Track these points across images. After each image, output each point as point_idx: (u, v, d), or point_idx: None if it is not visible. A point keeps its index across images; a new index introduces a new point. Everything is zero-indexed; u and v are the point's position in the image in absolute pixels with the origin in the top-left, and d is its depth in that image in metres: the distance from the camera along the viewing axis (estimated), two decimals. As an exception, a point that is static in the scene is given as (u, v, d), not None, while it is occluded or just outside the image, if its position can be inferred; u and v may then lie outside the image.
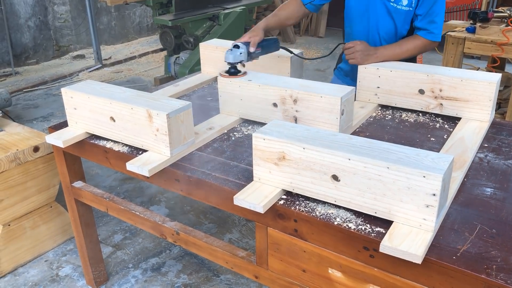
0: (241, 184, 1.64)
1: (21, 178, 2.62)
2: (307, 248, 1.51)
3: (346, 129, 1.97)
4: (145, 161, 1.80)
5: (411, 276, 1.32)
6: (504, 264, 1.22)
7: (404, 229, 1.36)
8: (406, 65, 2.23)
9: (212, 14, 5.24)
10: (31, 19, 6.77)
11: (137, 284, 2.62)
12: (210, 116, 2.21)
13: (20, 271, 2.73)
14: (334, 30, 9.22)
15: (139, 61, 7.19)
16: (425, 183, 1.30)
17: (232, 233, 3.05)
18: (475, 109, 2.07)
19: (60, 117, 4.94)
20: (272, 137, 1.53)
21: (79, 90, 2.02)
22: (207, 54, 2.73)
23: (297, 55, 2.45)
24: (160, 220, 2.00)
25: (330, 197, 1.48)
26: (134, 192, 3.53)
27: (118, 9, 7.95)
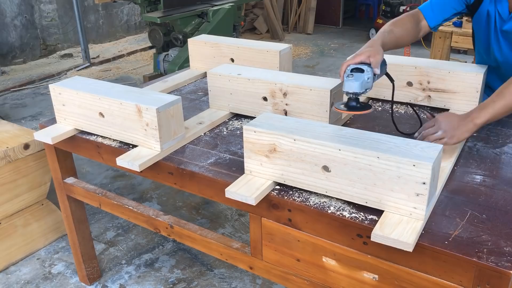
0: (234, 176, 1.65)
1: (11, 176, 2.61)
2: (301, 238, 1.53)
3: (336, 122, 1.98)
4: (135, 156, 1.81)
5: (404, 262, 1.34)
6: (495, 248, 1.25)
7: (395, 218, 1.38)
8: (394, 58, 2.25)
9: (201, 11, 5.24)
10: (17, 18, 6.71)
11: (130, 280, 2.62)
12: (200, 111, 2.22)
13: (12, 270, 2.72)
14: (322, 27, 9.27)
15: (128, 59, 7.16)
16: (415, 172, 1.32)
17: (225, 227, 3.06)
18: (463, 101, 2.10)
19: (49, 116, 4.91)
20: (263, 129, 1.54)
21: (67, 86, 2.02)
22: (196, 49, 2.73)
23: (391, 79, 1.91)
24: (153, 214, 2.01)
25: (321, 188, 1.50)
26: (126, 189, 3.53)
27: (105, 7, 7.91)
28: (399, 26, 1.99)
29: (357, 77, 1.57)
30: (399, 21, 2.03)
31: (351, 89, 1.57)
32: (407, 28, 2.01)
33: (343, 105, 1.61)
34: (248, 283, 2.58)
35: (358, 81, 1.56)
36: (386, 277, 1.40)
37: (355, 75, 1.59)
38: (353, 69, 1.61)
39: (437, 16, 2.06)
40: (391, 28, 1.96)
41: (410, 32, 2.02)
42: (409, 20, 2.04)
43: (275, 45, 2.52)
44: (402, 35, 1.99)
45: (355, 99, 1.59)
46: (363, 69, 1.60)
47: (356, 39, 8.36)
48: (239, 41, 2.64)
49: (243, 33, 8.28)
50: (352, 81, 1.57)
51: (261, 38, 8.27)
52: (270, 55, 2.46)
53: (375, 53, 1.68)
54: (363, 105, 1.61)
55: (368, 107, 1.59)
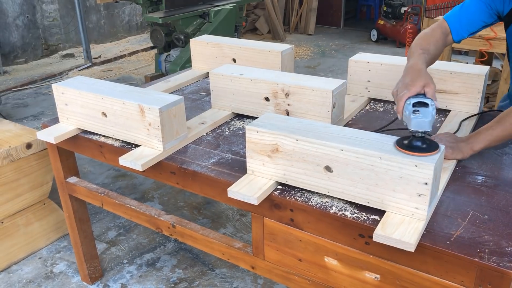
0: (236, 176, 1.66)
1: (13, 175, 2.62)
2: (303, 237, 1.53)
3: (337, 122, 1.99)
4: (137, 155, 1.81)
5: (406, 262, 1.35)
6: (496, 248, 1.25)
7: (397, 218, 1.38)
8: (396, 59, 2.26)
9: (203, 12, 5.25)
10: (19, 18, 6.73)
11: (132, 280, 2.63)
12: (202, 111, 2.22)
13: (14, 269, 2.73)
14: (323, 28, 9.28)
15: (129, 59, 7.17)
16: (417, 172, 1.32)
17: (226, 228, 3.07)
18: (464, 102, 2.10)
19: (51, 115, 4.92)
20: (265, 129, 1.55)
21: (70, 86, 2.03)
22: (198, 50, 2.74)
23: None
24: (155, 213, 2.01)
25: (323, 188, 1.50)
26: (127, 189, 3.53)
27: (107, 7, 7.92)
28: (433, 43, 1.83)
29: (425, 113, 1.38)
30: (431, 37, 1.85)
31: (421, 128, 1.36)
32: (439, 44, 1.86)
33: (407, 144, 1.36)
34: (249, 283, 2.59)
35: (428, 118, 1.36)
36: (388, 277, 1.40)
37: (422, 110, 1.39)
38: (415, 103, 1.43)
39: (464, 29, 1.90)
40: (427, 48, 1.79)
41: (441, 50, 1.88)
42: (440, 35, 1.87)
43: (277, 46, 2.53)
44: (436, 54, 1.83)
45: (422, 138, 1.36)
46: (427, 103, 1.42)
47: (357, 40, 8.37)
48: (241, 42, 2.65)
49: (244, 33, 8.30)
50: (420, 118, 1.37)
51: (262, 38, 8.28)
52: (272, 55, 2.46)
53: (429, 82, 1.53)
54: (429, 143, 1.36)
55: (435, 147, 1.35)
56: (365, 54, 2.37)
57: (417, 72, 1.58)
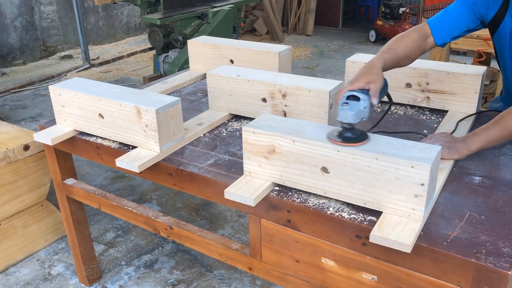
0: (233, 177, 1.66)
1: (11, 177, 2.61)
2: (300, 238, 1.53)
3: (335, 123, 1.98)
4: (134, 157, 1.81)
5: (403, 263, 1.35)
6: (493, 249, 1.25)
7: (393, 219, 1.38)
8: (394, 59, 2.26)
9: (201, 13, 5.25)
10: (17, 19, 6.72)
11: (130, 281, 2.62)
12: (199, 112, 2.22)
13: (11, 271, 2.72)
14: (321, 29, 9.28)
15: (128, 60, 7.17)
16: (414, 173, 1.32)
17: (224, 229, 3.06)
18: (462, 102, 2.10)
19: (49, 117, 4.91)
20: (262, 130, 1.55)
21: (67, 88, 2.03)
22: (196, 51, 2.74)
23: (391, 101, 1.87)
24: (153, 215, 2.01)
25: (320, 189, 1.50)
26: (125, 191, 3.53)
27: (105, 8, 7.92)
28: (402, 45, 1.83)
29: (352, 106, 1.45)
30: (404, 38, 1.86)
31: (345, 119, 1.44)
32: (412, 46, 1.84)
33: (338, 135, 1.45)
34: (247, 284, 2.58)
35: (353, 110, 1.44)
36: (385, 278, 1.40)
37: (351, 103, 1.46)
38: (349, 96, 1.49)
39: (445, 33, 1.89)
40: (394, 47, 1.81)
41: (415, 51, 1.86)
42: (415, 37, 1.87)
43: (275, 47, 2.52)
44: (405, 55, 1.83)
45: (351, 129, 1.44)
46: (360, 97, 1.47)
47: (355, 41, 8.37)
48: (238, 43, 2.65)
49: (243, 34, 8.30)
50: (346, 110, 1.44)
51: (261, 39, 8.28)
52: (269, 56, 2.46)
53: (375, 80, 1.56)
54: (359, 135, 1.45)
55: (364, 138, 1.44)
56: (362, 54, 2.36)
57: (368, 69, 1.63)
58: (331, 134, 1.47)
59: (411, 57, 1.86)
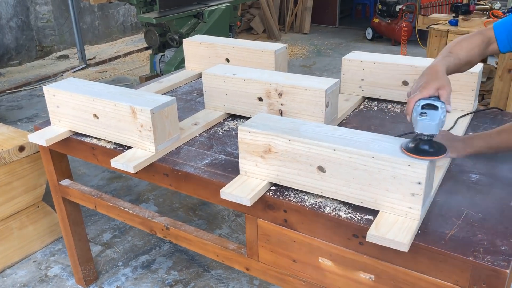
0: (230, 177, 1.65)
1: (6, 178, 2.60)
2: (297, 238, 1.52)
3: (331, 122, 1.98)
4: (130, 157, 1.80)
5: (400, 262, 1.34)
6: (491, 247, 1.25)
7: (390, 218, 1.37)
8: (390, 57, 2.25)
9: (197, 11, 5.23)
10: (13, 20, 6.70)
11: (127, 282, 2.61)
12: (195, 111, 2.21)
13: (8, 272, 2.71)
14: (318, 27, 9.27)
15: (124, 60, 7.15)
16: (410, 172, 1.31)
17: (222, 228, 3.05)
18: (458, 99, 2.09)
19: (45, 117, 4.89)
20: (258, 130, 1.54)
21: (62, 88, 2.01)
22: (191, 50, 2.72)
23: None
24: (149, 215, 2.00)
25: (316, 188, 1.49)
26: (122, 191, 3.52)
27: (101, 8, 7.89)
28: (465, 49, 1.68)
29: (432, 116, 1.33)
30: (466, 42, 1.70)
31: (426, 131, 1.33)
32: (474, 52, 1.69)
33: (413, 147, 1.34)
34: (245, 284, 2.57)
35: (435, 121, 1.32)
36: (382, 277, 1.39)
37: (429, 113, 1.34)
38: (424, 105, 1.37)
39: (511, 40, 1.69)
40: (456, 51, 1.66)
41: (476, 57, 1.70)
42: (478, 42, 1.70)
43: (270, 45, 2.51)
44: (466, 60, 1.68)
45: (429, 141, 1.34)
46: (437, 105, 1.35)
47: (352, 39, 8.37)
48: (234, 41, 2.63)
49: (239, 33, 8.28)
50: (427, 121, 1.33)
51: (257, 38, 8.26)
52: (265, 55, 2.45)
53: (444, 85, 1.45)
54: (437, 147, 1.35)
55: (443, 151, 1.34)
56: (358, 52, 2.35)
57: (434, 74, 1.50)
58: (405, 146, 1.36)
59: (472, 62, 1.72)
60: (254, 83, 2.02)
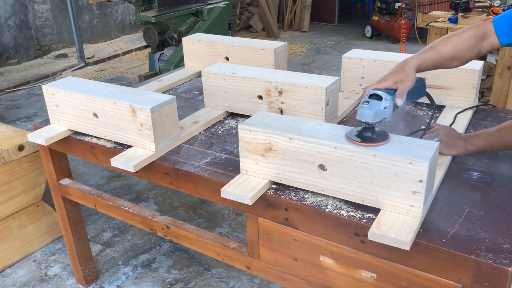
0: (230, 175, 1.64)
1: (6, 178, 2.59)
2: (298, 237, 1.52)
3: (331, 120, 1.97)
4: (129, 156, 1.79)
5: (402, 260, 1.33)
6: (493, 245, 1.24)
7: (392, 216, 1.37)
8: (390, 55, 2.24)
9: (196, 10, 5.22)
10: (11, 19, 6.68)
11: (127, 281, 2.61)
12: (195, 110, 2.20)
13: (8, 272, 2.70)
14: (317, 25, 9.26)
15: (123, 59, 7.13)
16: (412, 170, 1.31)
17: (222, 227, 3.05)
18: (459, 97, 2.09)
19: (44, 116, 4.88)
20: (258, 128, 1.53)
21: (61, 87, 2.00)
22: (191, 48, 2.72)
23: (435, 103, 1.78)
24: (149, 214, 1.99)
25: (317, 186, 1.49)
26: (122, 190, 3.51)
27: (100, 7, 7.88)
28: (450, 44, 1.61)
29: (372, 106, 1.39)
30: (454, 37, 1.64)
31: (363, 118, 1.39)
32: (461, 47, 1.61)
33: (357, 134, 1.41)
34: (246, 282, 2.57)
35: (372, 110, 1.38)
36: (384, 275, 1.39)
37: (372, 102, 1.40)
38: (372, 95, 1.42)
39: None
40: (439, 47, 1.61)
41: (464, 52, 1.62)
42: (467, 37, 1.62)
43: (270, 43, 2.51)
44: (450, 56, 1.61)
45: (371, 128, 1.39)
46: (382, 97, 1.41)
47: (351, 36, 8.36)
48: (233, 40, 2.63)
49: (238, 31, 8.27)
50: (366, 109, 1.38)
51: (256, 36, 8.25)
52: (265, 53, 2.44)
53: (404, 79, 1.46)
54: (379, 135, 1.39)
55: (384, 138, 1.39)
56: (358, 50, 2.35)
57: (400, 68, 1.52)
58: (350, 133, 1.42)
59: (461, 58, 1.63)
60: (254, 81, 2.01)
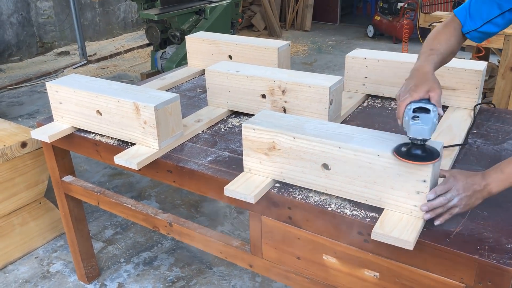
0: (233, 174, 1.64)
1: (9, 175, 2.59)
2: (302, 235, 1.52)
3: (335, 119, 1.98)
4: (133, 154, 1.80)
5: (405, 259, 1.34)
6: (496, 245, 1.25)
7: (395, 216, 1.37)
8: (393, 55, 2.24)
9: (199, 8, 5.22)
10: (14, 16, 6.68)
11: (129, 279, 2.61)
12: (198, 108, 2.21)
13: (10, 269, 2.71)
14: (319, 24, 9.25)
15: (125, 57, 7.13)
16: (416, 170, 1.31)
17: (223, 225, 3.05)
18: (462, 97, 2.09)
19: (46, 114, 4.89)
20: (262, 127, 1.53)
21: (64, 84, 2.01)
22: (194, 47, 2.72)
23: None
24: (152, 212, 1.99)
25: (321, 186, 1.49)
26: (124, 188, 3.52)
27: (102, 4, 7.88)
28: (444, 42, 1.63)
29: (425, 120, 1.29)
30: (443, 35, 1.65)
31: (420, 135, 1.27)
32: (452, 41, 1.65)
33: (405, 152, 1.31)
34: (247, 281, 2.57)
35: (428, 125, 1.28)
36: (387, 274, 1.39)
37: (422, 117, 1.30)
38: (416, 108, 1.34)
39: (475, 19, 1.62)
40: (437, 47, 1.61)
41: (455, 45, 1.66)
42: (452, 31, 1.66)
43: (274, 42, 2.51)
44: (448, 52, 1.63)
45: (421, 146, 1.29)
46: (429, 109, 1.32)
47: (353, 36, 8.36)
48: (237, 38, 2.63)
49: (240, 30, 8.26)
50: (419, 125, 1.28)
51: (258, 35, 8.25)
52: (268, 52, 2.44)
53: (434, 87, 1.41)
54: (431, 152, 1.30)
55: (436, 155, 1.29)
56: (362, 50, 2.35)
57: (423, 76, 1.47)
58: (397, 150, 1.33)
59: (454, 51, 1.67)
60: (258, 80, 2.01)
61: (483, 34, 1.64)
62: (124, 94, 1.87)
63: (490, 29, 1.61)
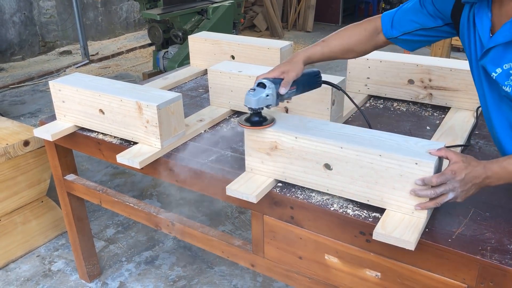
0: (236, 173, 1.65)
1: (11, 173, 2.60)
2: (304, 235, 1.52)
3: (337, 120, 1.98)
4: (135, 153, 1.80)
5: (407, 259, 1.34)
6: (498, 245, 1.25)
7: (397, 216, 1.37)
8: (395, 56, 2.25)
9: (201, 8, 5.23)
10: (16, 15, 6.69)
11: (130, 277, 2.62)
12: (200, 108, 2.21)
13: (11, 267, 2.71)
14: (321, 25, 9.25)
15: (127, 56, 7.14)
16: (418, 170, 1.31)
17: (225, 225, 3.06)
18: (464, 99, 2.09)
19: (48, 113, 4.90)
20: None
21: (67, 83, 2.01)
22: (196, 47, 2.72)
23: (341, 89, 1.84)
24: (154, 211, 2.00)
25: (322, 186, 1.49)
26: (125, 187, 3.52)
27: (104, 4, 7.89)
28: (340, 38, 1.69)
29: (256, 93, 1.51)
30: (347, 30, 1.71)
31: (247, 104, 1.51)
32: (353, 39, 1.68)
33: (246, 119, 1.54)
34: (248, 280, 2.58)
35: (256, 97, 1.50)
36: (389, 275, 1.40)
37: (257, 90, 1.52)
38: (260, 83, 1.54)
39: (396, 27, 1.63)
40: (329, 40, 1.70)
41: (357, 44, 1.69)
42: (361, 30, 1.68)
43: (276, 43, 2.51)
44: (342, 48, 1.69)
45: (257, 113, 1.52)
46: (266, 85, 1.52)
47: (355, 37, 8.34)
48: (239, 38, 2.63)
49: (242, 30, 8.27)
50: (250, 95, 1.51)
51: (260, 35, 8.25)
52: (271, 52, 2.45)
53: (290, 70, 1.57)
54: (264, 118, 1.53)
55: (267, 122, 1.53)
56: (364, 50, 2.35)
57: (289, 60, 1.64)
58: (240, 119, 1.56)
59: (355, 50, 1.71)
60: (260, 80, 2.01)
61: (410, 43, 1.64)
62: (127, 93, 1.87)
63: (415, 38, 1.62)
